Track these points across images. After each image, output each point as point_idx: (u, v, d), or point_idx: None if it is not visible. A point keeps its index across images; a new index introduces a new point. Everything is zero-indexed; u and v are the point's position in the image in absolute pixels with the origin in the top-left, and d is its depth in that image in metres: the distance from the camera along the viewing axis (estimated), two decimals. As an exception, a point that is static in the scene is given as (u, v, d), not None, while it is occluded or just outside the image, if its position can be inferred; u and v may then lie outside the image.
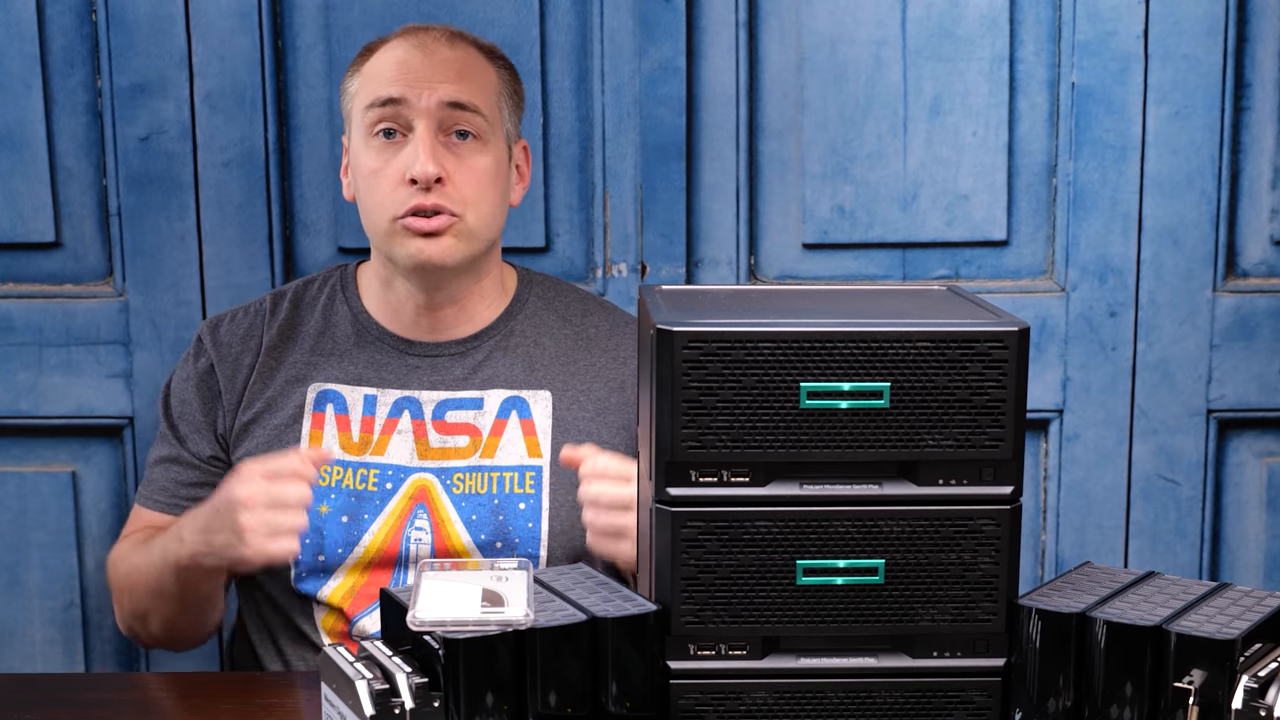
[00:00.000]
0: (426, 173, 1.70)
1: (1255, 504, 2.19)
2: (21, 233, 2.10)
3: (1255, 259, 2.15)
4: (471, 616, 1.15)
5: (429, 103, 1.73)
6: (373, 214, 1.75)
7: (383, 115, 1.74)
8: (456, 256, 1.74)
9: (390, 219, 1.73)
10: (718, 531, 1.19)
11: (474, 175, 1.74)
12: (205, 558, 1.64)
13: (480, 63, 1.79)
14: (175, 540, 1.68)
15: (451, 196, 1.72)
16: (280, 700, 1.49)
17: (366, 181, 1.75)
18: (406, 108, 1.73)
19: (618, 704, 1.18)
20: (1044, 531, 2.20)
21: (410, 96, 1.73)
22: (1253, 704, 1.13)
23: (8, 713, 1.44)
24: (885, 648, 1.22)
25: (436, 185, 1.71)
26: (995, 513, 1.20)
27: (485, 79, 1.78)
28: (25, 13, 2.05)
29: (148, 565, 1.73)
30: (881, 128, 2.10)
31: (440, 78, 1.74)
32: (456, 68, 1.76)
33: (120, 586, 1.80)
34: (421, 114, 1.73)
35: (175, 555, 1.68)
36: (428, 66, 1.74)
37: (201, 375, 1.84)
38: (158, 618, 1.77)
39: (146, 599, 1.75)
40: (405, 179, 1.71)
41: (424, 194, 1.71)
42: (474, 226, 1.75)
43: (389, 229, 1.74)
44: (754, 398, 1.17)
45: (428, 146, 1.71)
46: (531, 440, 1.79)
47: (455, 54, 1.77)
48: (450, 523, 1.76)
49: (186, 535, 1.66)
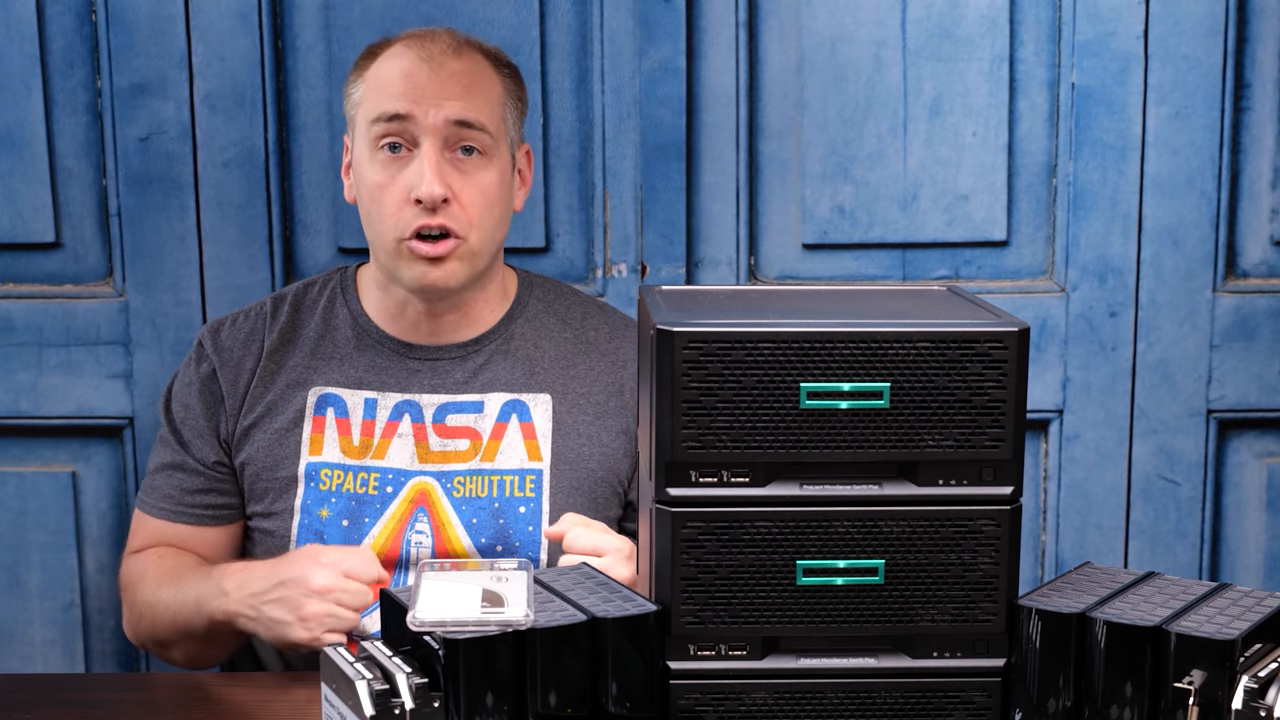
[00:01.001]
0: (433, 194, 1.69)
1: (1255, 504, 2.19)
2: (21, 233, 2.10)
3: (1255, 259, 2.15)
4: (471, 617, 1.15)
5: (435, 120, 1.71)
6: (377, 230, 1.74)
7: (388, 130, 1.72)
8: (460, 278, 1.74)
9: (395, 239, 1.72)
10: (718, 532, 1.19)
11: (479, 192, 1.73)
12: (247, 622, 1.64)
13: (486, 73, 1.77)
14: (216, 593, 1.67)
15: (457, 217, 1.71)
16: (280, 700, 1.49)
17: (371, 195, 1.74)
18: (413, 124, 1.71)
19: (618, 704, 1.18)
20: (1044, 531, 2.20)
21: (417, 113, 1.71)
22: (1253, 704, 1.13)
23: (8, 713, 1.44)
24: (885, 648, 1.22)
25: (442, 205, 1.70)
26: (995, 513, 1.20)
27: (491, 91, 1.76)
28: (25, 13, 2.05)
29: (178, 605, 1.72)
30: (881, 128, 2.10)
31: (448, 94, 1.72)
32: (464, 82, 1.73)
33: (141, 614, 1.80)
34: (428, 131, 1.71)
35: (213, 609, 1.67)
36: (434, 82, 1.72)
37: (204, 380, 1.83)
38: (181, 651, 1.78)
39: (172, 634, 1.75)
40: (411, 198, 1.70)
41: (429, 214, 1.70)
42: (477, 246, 1.74)
43: (394, 249, 1.73)
44: (754, 398, 1.17)
45: (434, 166, 1.70)
46: (532, 444, 1.79)
47: (462, 66, 1.74)
48: (451, 526, 1.76)
49: (233, 593, 1.65)
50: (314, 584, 1.58)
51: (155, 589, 1.76)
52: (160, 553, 1.81)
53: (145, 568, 1.79)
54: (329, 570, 1.58)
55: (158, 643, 1.79)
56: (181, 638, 1.75)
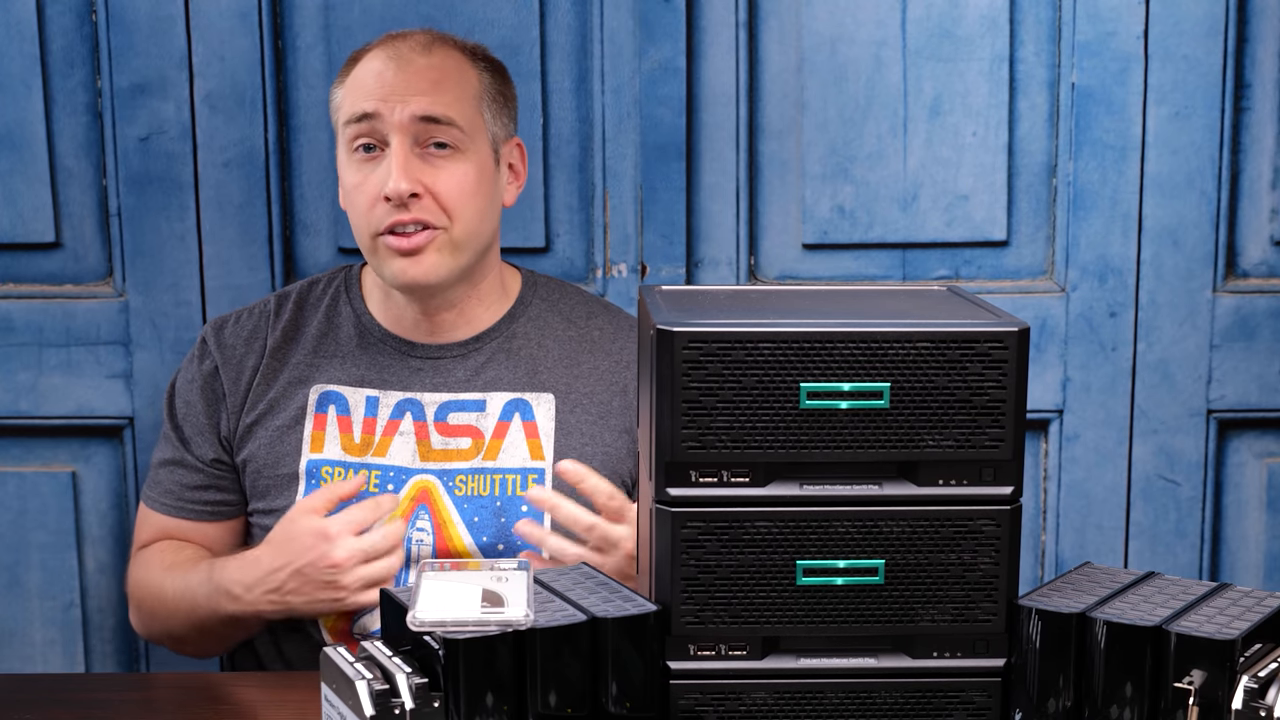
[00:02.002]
0: (399, 190, 1.69)
1: (1255, 504, 2.19)
2: (21, 233, 2.10)
3: (1255, 259, 2.15)
4: (471, 616, 1.15)
5: (401, 117, 1.71)
6: (357, 229, 1.76)
7: (359, 131, 1.73)
8: (441, 272, 1.74)
9: (371, 236, 1.73)
10: (718, 531, 1.19)
11: (454, 185, 1.73)
12: (275, 614, 1.66)
13: (459, 67, 1.77)
14: (227, 599, 1.67)
15: (430, 209, 1.71)
16: (280, 700, 1.49)
17: (349, 197, 1.76)
18: (381, 122, 1.72)
19: (618, 704, 1.18)
20: (1044, 531, 2.20)
21: (384, 111, 1.71)
22: (1253, 704, 1.13)
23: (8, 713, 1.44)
24: (885, 648, 1.22)
25: (414, 200, 1.70)
26: (995, 513, 1.20)
27: (463, 86, 1.76)
28: (25, 13, 2.05)
29: (190, 607, 1.73)
30: (881, 128, 2.10)
31: (414, 90, 1.72)
32: (431, 78, 1.74)
33: (150, 614, 1.81)
34: (395, 128, 1.71)
35: (228, 611, 1.68)
36: (401, 79, 1.73)
37: (206, 378, 1.84)
38: (194, 646, 1.80)
39: (185, 630, 1.77)
40: (381, 196, 1.71)
41: (401, 210, 1.70)
42: (459, 237, 1.74)
43: (371, 246, 1.74)
44: (754, 398, 1.17)
45: (400, 163, 1.70)
46: (534, 443, 1.79)
47: (431, 62, 1.75)
48: (452, 524, 1.76)
49: (245, 596, 1.66)
50: (335, 558, 1.60)
51: (164, 591, 1.77)
52: (162, 547, 1.82)
53: (154, 569, 1.80)
54: (342, 538, 1.61)
55: (172, 639, 1.81)
56: (196, 634, 1.76)
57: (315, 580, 1.61)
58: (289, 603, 1.63)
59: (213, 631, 1.74)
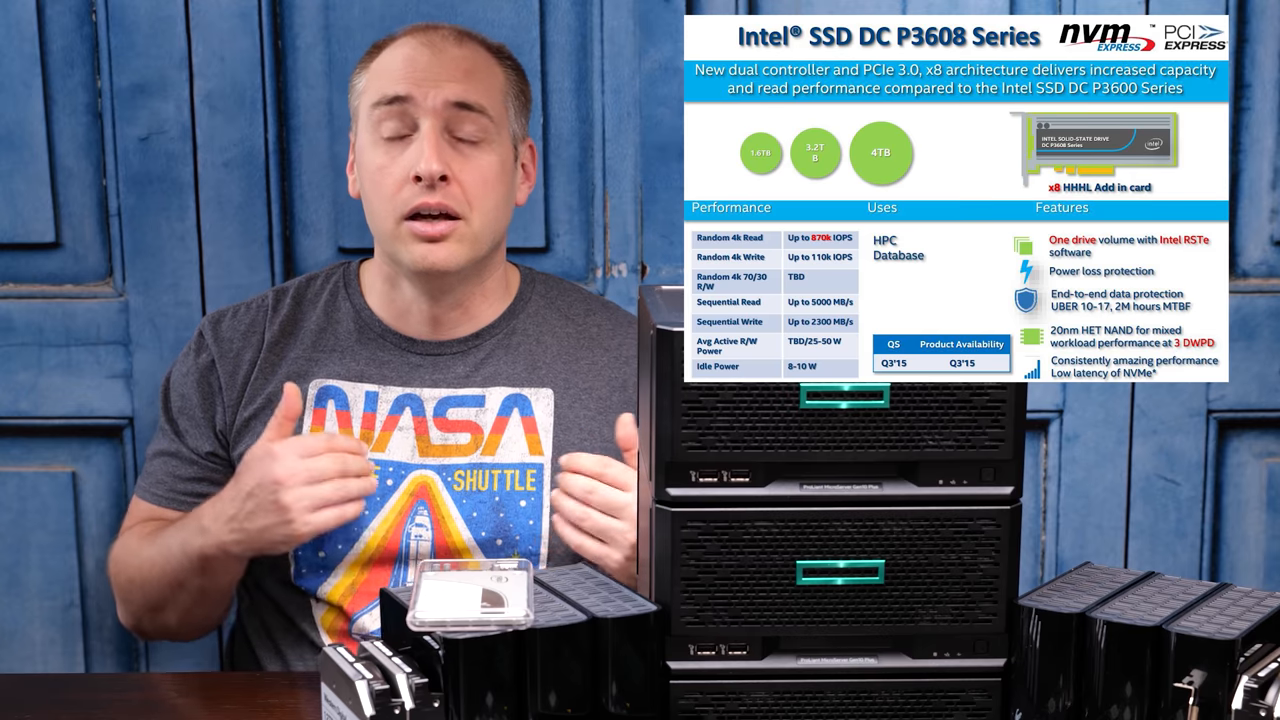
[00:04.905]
0: (431, 170, 1.70)
1: (1255, 504, 2.19)
2: (21, 233, 2.10)
3: (1255, 259, 2.15)
4: (471, 616, 1.15)
5: (435, 102, 1.73)
6: (378, 213, 1.76)
7: (389, 113, 1.74)
8: (459, 260, 1.75)
9: (395, 219, 1.73)
10: (718, 532, 1.19)
11: (479, 175, 1.74)
12: (236, 545, 1.65)
13: (488, 62, 1.79)
14: (196, 533, 1.68)
15: (455, 196, 1.72)
16: (280, 700, 1.49)
17: (372, 179, 1.75)
18: (413, 106, 1.73)
19: (618, 704, 1.18)
20: (1044, 531, 2.20)
21: (417, 95, 1.73)
22: (1253, 704, 1.13)
23: (8, 713, 1.44)
24: (885, 648, 1.22)
25: (441, 184, 1.71)
26: (995, 513, 1.20)
27: (492, 79, 1.78)
28: (25, 13, 2.05)
29: (164, 559, 1.73)
30: (881, 128, 2.10)
31: (447, 76, 1.74)
32: (464, 67, 1.76)
33: (129, 581, 1.79)
34: (428, 113, 1.73)
35: (199, 547, 1.68)
36: (435, 65, 1.74)
37: (202, 371, 1.84)
38: (174, 610, 1.77)
39: (162, 591, 1.75)
40: (410, 176, 1.71)
41: (429, 192, 1.71)
42: (478, 230, 1.75)
43: (394, 230, 1.74)
44: (754, 398, 1.17)
45: (433, 144, 1.71)
46: (533, 438, 1.79)
47: (463, 53, 1.77)
48: (451, 519, 1.76)
49: (211, 526, 1.66)
50: (277, 475, 1.60)
51: (140, 553, 1.77)
52: (142, 527, 1.81)
53: (131, 542, 1.80)
54: (285, 458, 1.61)
55: (151, 609, 1.78)
56: (174, 593, 1.74)
57: (264, 501, 1.61)
58: (245, 530, 1.63)
59: (187, 584, 1.72)
